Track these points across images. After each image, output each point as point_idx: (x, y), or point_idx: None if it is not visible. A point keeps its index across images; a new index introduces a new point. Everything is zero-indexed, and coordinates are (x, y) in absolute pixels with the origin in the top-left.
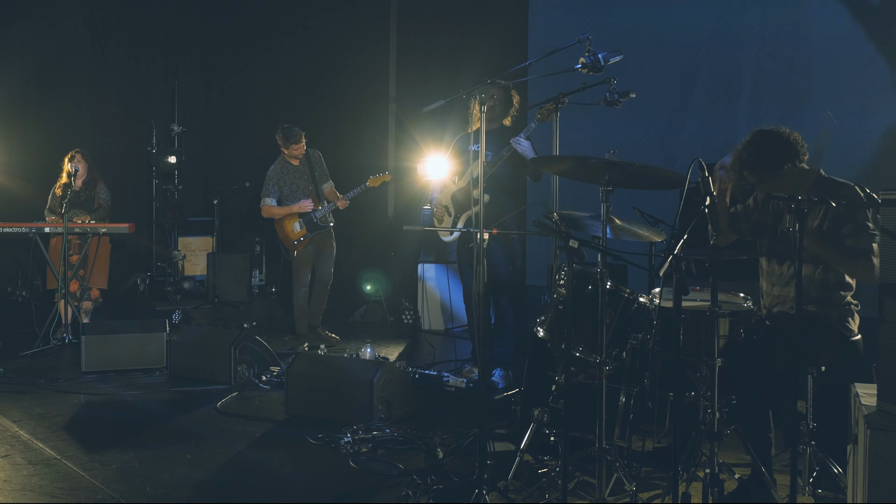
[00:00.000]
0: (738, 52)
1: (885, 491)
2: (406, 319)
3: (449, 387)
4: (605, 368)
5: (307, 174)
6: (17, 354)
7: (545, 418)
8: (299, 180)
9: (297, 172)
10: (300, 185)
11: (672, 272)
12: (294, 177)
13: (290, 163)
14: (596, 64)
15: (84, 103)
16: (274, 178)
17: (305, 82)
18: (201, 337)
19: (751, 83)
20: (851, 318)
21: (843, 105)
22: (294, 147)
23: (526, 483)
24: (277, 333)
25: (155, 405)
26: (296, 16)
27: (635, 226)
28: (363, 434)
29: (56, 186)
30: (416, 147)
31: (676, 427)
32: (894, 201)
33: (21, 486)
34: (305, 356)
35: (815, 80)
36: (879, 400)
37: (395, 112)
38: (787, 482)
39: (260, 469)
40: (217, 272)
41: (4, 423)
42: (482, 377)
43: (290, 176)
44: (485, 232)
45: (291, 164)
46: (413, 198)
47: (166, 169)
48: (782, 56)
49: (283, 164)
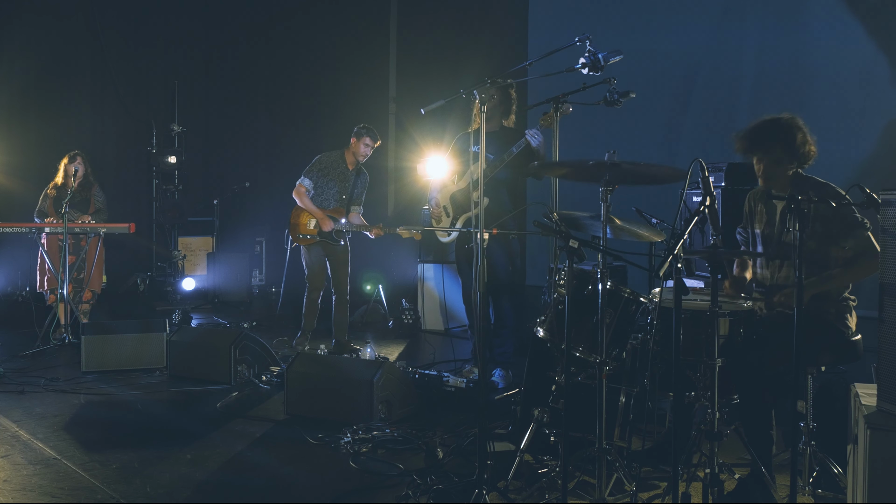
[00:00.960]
0: (738, 54)
1: (885, 491)
2: (406, 319)
3: (449, 387)
4: (605, 368)
5: (349, 182)
6: (17, 354)
7: (545, 418)
8: (339, 184)
9: (342, 174)
10: (337, 188)
11: (672, 272)
12: (338, 178)
13: (346, 161)
14: (596, 64)
15: (84, 103)
16: (321, 166)
17: (305, 82)
18: (201, 337)
19: (751, 84)
20: (849, 315)
21: (844, 103)
22: (363, 144)
23: (526, 483)
24: (277, 333)
25: (155, 405)
26: (296, 16)
27: (635, 226)
28: (363, 434)
29: (48, 188)
30: (416, 147)
31: (676, 427)
32: (894, 201)
33: (21, 486)
34: (305, 356)
35: (815, 80)
36: (879, 400)
37: (395, 112)
38: (787, 482)
39: (260, 469)
40: (217, 272)
41: (4, 423)
42: (482, 377)
43: (335, 173)
44: (484, 232)
45: (346, 163)
46: (413, 198)
47: (166, 169)
48: (783, 56)
49: (338, 159)
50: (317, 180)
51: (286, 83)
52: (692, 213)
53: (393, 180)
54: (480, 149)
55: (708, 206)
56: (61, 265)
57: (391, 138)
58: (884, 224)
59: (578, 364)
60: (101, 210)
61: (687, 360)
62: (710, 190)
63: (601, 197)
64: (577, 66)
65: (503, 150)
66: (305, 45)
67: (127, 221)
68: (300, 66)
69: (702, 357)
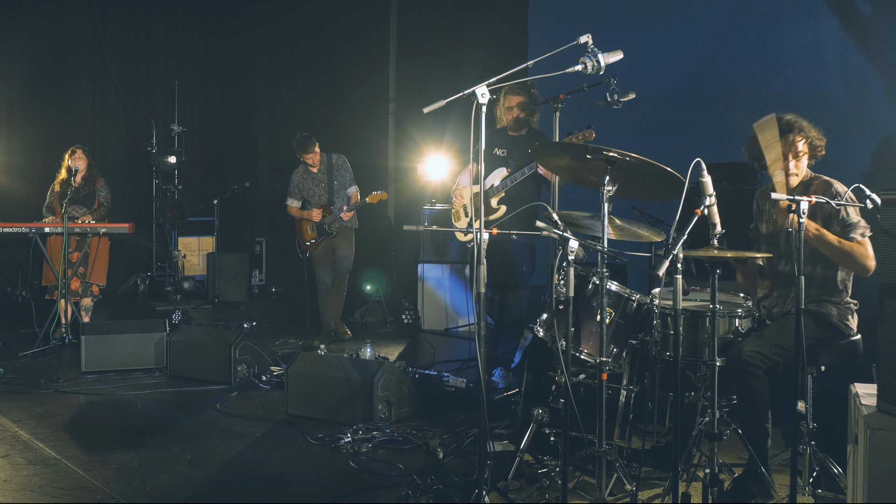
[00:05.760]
0: (737, 60)
1: (885, 491)
2: (406, 319)
3: (449, 387)
4: (605, 368)
5: (324, 181)
6: (17, 354)
7: (545, 418)
8: (315, 187)
9: (314, 179)
10: (316, 191)
11: (672, 272)
12: (311, 183)
13: (310, 169)
14: (596, 64)
15: (84, 103)
16: (295, 182)
17: (305, 82)
18: (201, 337)
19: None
20: (851, 317)
21: (841, 118)
22: (307, 156)
23: (526, 483)
24: (277, 333)
25: (155, 405)
26: (296, 16)
27: (635, 226)
28: (363, 434)
29: (55, 182)
30: (416, 147)
31: (676, 427)
32: (894, 201)
33: (21, 486)
34: (305, 356)
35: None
36: (879, 400)
37: (395, 112)
38: (787, 482)
39: (260, 469)
40: (217, 272)
41: (4, 423)
42: (482, 377)
43: (308, 182)
44: (485, 232)
45: (311, 170)
46: (413, 198)
47: (166, 169)
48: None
49: (303, 169)
50: (299, 195)
51: (286, 83)
52: (692, 213)
53: (393, 180)
54: (479, 149)
55: (709, 207)
56: (62, 263)
57: (391, 138)
58: (884, 224)
59: (578, 364)
60: (103, 206)
61: (687, 360)
62: (710, 191)
63: (602, 197)
64: (578, 66)
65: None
66: (305, 44)
67: (127, 221)
68: (300, 65)
69: (702, 357)
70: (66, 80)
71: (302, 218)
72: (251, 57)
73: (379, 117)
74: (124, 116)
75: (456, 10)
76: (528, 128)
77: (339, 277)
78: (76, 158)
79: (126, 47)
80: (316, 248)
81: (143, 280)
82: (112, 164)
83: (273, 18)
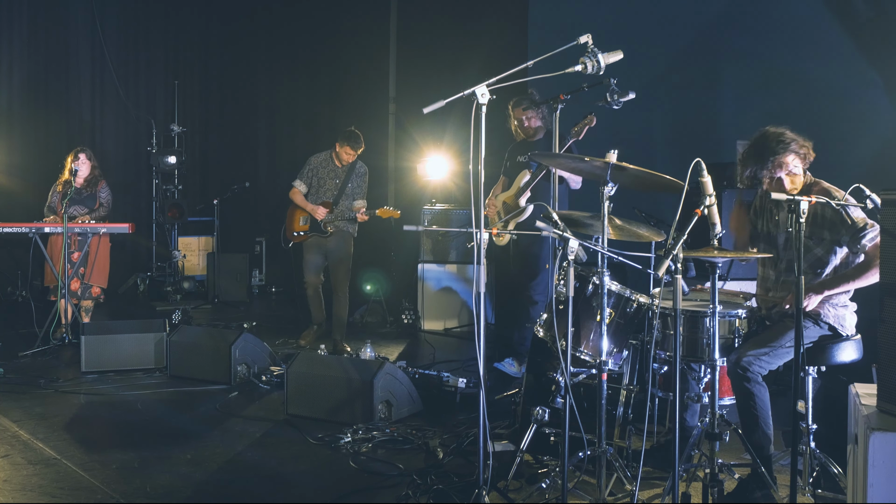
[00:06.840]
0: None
1: (885, 491)
2: (406, 319)
3: (449, 387)
4: (605, 368)
5: (340, 178)
6: (17, 354)
7: (545, 418)
8: (329, 179)
9: (332, 171)
10: (327, 184)
11: (671, 271)
12: (327, 174)
13: (335, 161)
14: (596, 64)
15: (84, 103)
16: (312, 165)
17: (305, 82)
18: (201, 337)
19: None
20: (850, 317)
21: (840, 120)
22: (346, 148)
23: (526, 483)
24: (277, 333)
25: (155, 405)
26: (296, 16)
27: (635, 226)
28: (363, 434)
29: (57, 183)
30: (416, 147)
31: (676, 427)
32: (894, 201)
33: (21, 486)
34: (305, 356)
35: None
36: (879, 400)
37: (395, 112)
38: (787, 482)
39: (260, 469)
40: (217, 272)
41: (4, 423)
42: (482, 377)
43: (324, 171)
44: (485, 232)
45: (335, 162)
46: (413, 198)
47: (166, 169)
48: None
49: (327, 157)
50: (309, 181)
51: (286, 83)
52: (692, 213)
53: (393, 180)
54: (479, 154)
55: (708, 207)
56: (62, 263)
57: (391, 138)
58: (884, 224)
59: (579, 364)
60: (103, 207)
61: (687, 360)
62: (710, 191)
63: (602, 197)
64: (578, 67)
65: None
66: (305, 44)
67: (127, 221)
68: (300, 65)
69: (702, 357)
70: (66, 80)
71: (297, 208)
72: (251, 57)
73: (379, 117)
74: (124, 116)
75: (456, 10)
76: (545, 130)
77: (339, 283)
78: (80, 161)
79: (126, 47)
80: (302, 241)
81: (143, 280)
82: (112, 164)
83: (273, 19)
